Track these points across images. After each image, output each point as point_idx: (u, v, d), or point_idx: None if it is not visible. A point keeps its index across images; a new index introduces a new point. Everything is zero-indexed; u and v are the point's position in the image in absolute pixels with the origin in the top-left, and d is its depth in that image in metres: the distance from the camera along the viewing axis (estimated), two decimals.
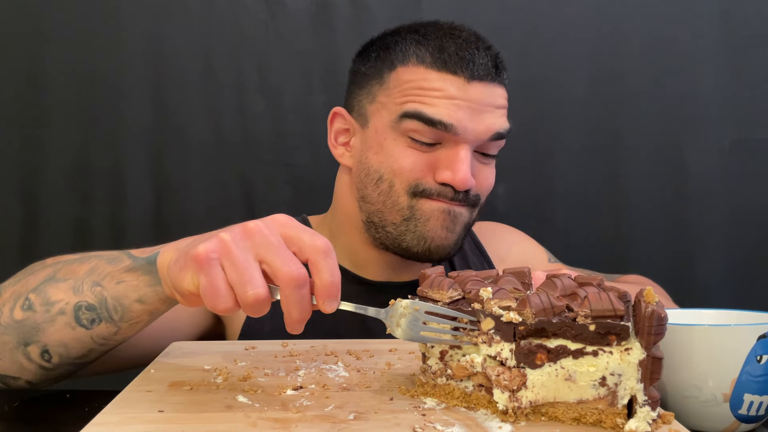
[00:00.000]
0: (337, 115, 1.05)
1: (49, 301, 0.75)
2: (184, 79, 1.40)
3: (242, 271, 0.59)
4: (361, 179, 0.99)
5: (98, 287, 0.74)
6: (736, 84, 1.39)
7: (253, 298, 0.59)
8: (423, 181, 0.95)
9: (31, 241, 1.40)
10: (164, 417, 0.60)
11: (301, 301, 0.60)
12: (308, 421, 0.59)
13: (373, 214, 0.99)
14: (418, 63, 0.96)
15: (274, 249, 0.60)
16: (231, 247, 0.60)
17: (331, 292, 0.61)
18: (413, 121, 0.94)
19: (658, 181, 1.40)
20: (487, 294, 0.61)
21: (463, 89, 0.94)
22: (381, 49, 1.01)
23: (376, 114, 0.99)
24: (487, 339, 0.61)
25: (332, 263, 0.61)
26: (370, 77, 1.00)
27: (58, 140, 1.40)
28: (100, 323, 0.74)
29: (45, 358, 0.76)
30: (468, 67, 0.94)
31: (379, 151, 0.97)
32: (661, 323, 0.56)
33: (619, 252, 1.41)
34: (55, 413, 0.81)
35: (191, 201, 1.41)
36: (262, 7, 1.41)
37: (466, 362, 0.63)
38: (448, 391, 0.65)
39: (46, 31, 1.39)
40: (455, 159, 0.94)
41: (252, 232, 0.61)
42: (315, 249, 0.61)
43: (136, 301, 0.73)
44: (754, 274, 1.39)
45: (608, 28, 1.41)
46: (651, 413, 0.56)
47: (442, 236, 0.97)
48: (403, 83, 0.96)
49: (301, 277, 0.60)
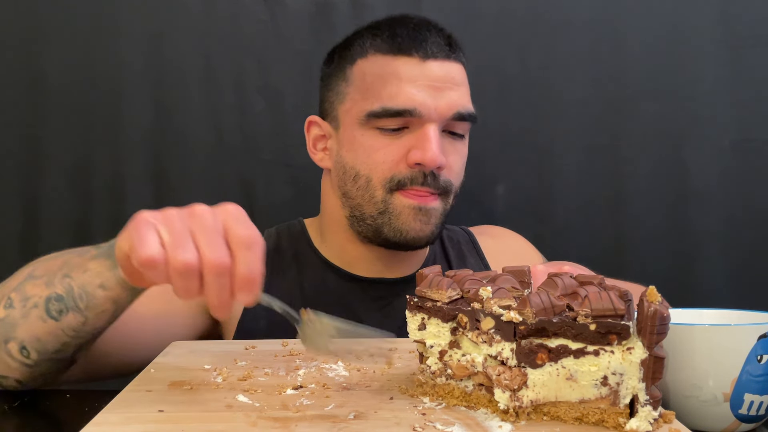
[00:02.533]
0: (312, 123, 1.10)
1: (26, 297, 0.77)
2: (184, 79, 1.40)
3: (176, 237, 0.61)
4: (341, 177, 1.04)
5: (67, 278, 0.76)
6: (736, 84, 1.39)
7: (182, 262, 0.60)
8: (397, 172, 0.98)
9: (31, 241, 1.39)
10: (164, 417, 0.60)
11: (219, 288, 0.61)
12: (308, 421, 0.59)
13: (354, 208, 1.03)
14: (375, 52, 1.01)
15: (209, 233, 0.62)
16: (172, 218, 0.63)
17: (243, 285, 0.62)
18: (380, 118, 0.98)
19: (658, 181, 1.40)
20: (487, 293, 0.61)
21: (419, 68, 0.98)
22: (342, 49, 1.06)
23: (345, 113, 1.03)
24: (487, 339, 0.61)
25: (252, 256, 0.62)
26: (336, 77, 1.05)
27: (58, 140, 1.39)
28: (68, 313, 0.76)
29: (24, 354, 0.78)
30: (421, 46, 0.99)
31: (351, 149, 1.01)
32: (664, 323, 0.55)
33: (619, 252, 1.40)
34: (55, 413, 0.82)
35: (191, 201, 1.39)
36: (262, 7, 1.40)
37: (466, 362, 0.63)
38: (447, 390, 0.65)
39: (46, 31, 1.39)
40: (424, 138, 0.97)
41: (195, 213, 0.64)
42: (238, 240, 0.62)
43: (99, 287, 0.75)
44: (754, 274, 1.39)
45: (608, 28, 1.40)
46: (652, 413, 0.56)
47: (417, 228, 1.00)
48: (364, 74, 1.01)
49: (221, 265, 0.61)
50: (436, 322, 0.64)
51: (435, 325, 0.64)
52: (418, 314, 0.65)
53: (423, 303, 0.65)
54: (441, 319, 0.64)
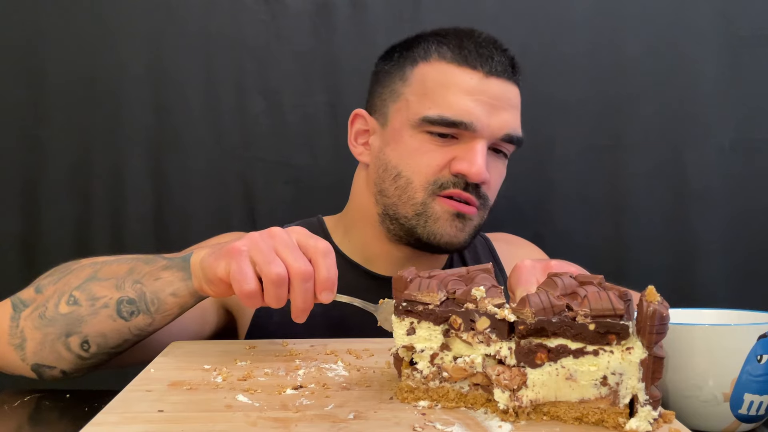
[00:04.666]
0: (357, 116, 1.10)
1: (94, 297, 0.83)
2: (184, 79, 1.40)
3: (267, 256, 0.73)
4: (379, 174, 1.04)
5: (138, 284, 0.84)
6: (736, 84, 1.39)
7: (276, 274, 0.72)
8: (440, 176, 1.00)
9: (31, 241, 1.39)
10: (164, 417, 0.60)
11: (305, 292, 0.73)
12: (308, 421, 0.59)
13: (388, 207, 1.03)
14: (440, 59, 1.02)
15: (290, 247, 0.74)
16: (258, 241, 0.74)
17: (326, 286, 0.73)
18: (434, 124, 0.99)
19: (658, 181, 1.40)
20: (480, 293, 0.61)
21: (481, 83, 0.99)
22: (404, 48, 1.07)
23: (397, 112, 1.03)
24: (484, 338, 0.61)
25: (330, 262, 0.74)
26: (393, 75, 1.05)
27: (58, 140, 1.39)
28: (138, 315, 0.83)
29: (84, 348, 0.84)
30: (487, 62, 1.00)
31: (396, 148, 1.02)
32: (663, 322, 0.55)
33: (619, 252, 1.40)
34: (55, 413, 0.82)
35: (191, 201, 1.40)
36: (262, 7, 1.40)
37: (465, 363, 0.62)
38: (441, 393, 0.64)
39: (46, 31, 1.39)
40: (472, 152, 0.98)
41: (274, 234, 0.75)
42: (316, 250, 0.74)
43: (170, 294, 0.83)
44: (754, 273, 1.39)
45: (608, 28, 1.40)
46: (652, 413, 0.56)
47: (451, 234, 1.01)
48: (425, 78, 1.02)
49: (307, 272, 0.73)
50: (427, 326, 0.63)
51: (426, 328, 0.63)
52: (406, 319, 0.64)
53: (413, 307, 0.63)
54: (433, 322, 0.63)
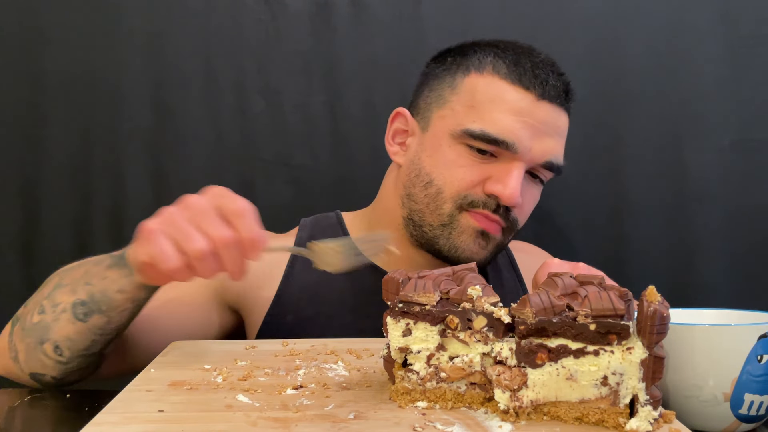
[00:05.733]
0: (399, 115, 1.07)
1: (55, 303, 0.84)
2: (184, 79, 1.40)
3: (184, 232, 0.70)
4: (411, 179, 1.02)
5: (89, 285, 0.83)
6: (736, 84, 1.39)
7: (197, 250, 0.69)
8: (471, 192, 0.98)
9: (31, 241, 1.39)
10: (164, 417, 0.60)
11: (233, 258, 0.71)
12: (308, 421, 0.59)
13: (414, 212, 1.01)
14: (494, 72, 0.99)
15: (207, 216, 0.70)
16: (172, 217, 0.71)
17: (250, 246, 0.71)
18: (475, 139, 0.96)
19: (658, 181, 1.40)
20: (477, 292, 0.61)
21: (531, 105, 0.97)
22: (458, 54, 1.04)
23: (440, 119, 1.01)
24: (481, 337, 0.61)
25: (248, 221, 0.70)
26: (443, 80, 1.03)
27: (58, 140, 1.39)
28: (93, 315, 0.83)
29: (57, 352, 0.84)
30: (541, 85, 0.97)
31: (433, 155, 1.00)
32: (663, 322, 0.55)
33: (619, 252, 1.40)
34: (55, 413, 0.82)
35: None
36: (262, 7, 1.40)
37: (463, 363, 0.62)
38: (439, 394, 0.64)
39: (46, 31, 1.39)
40: (508, 174, 0.96)
41: (189, 204, 0.72)
42: (232, 213, 0.71)
43: (117, 291, 0.82)
44: (754, 273, 1.39)
45: (608, 28, 1.40)
46: (653, 413, 0.56)
47: (473, 250, 0.99)
48: (475, 90, 0.99)
49: (227, 238, 0.70)
50: (423, 326, 0.63)
51: (422, 329, 0.63)
52: (402, 320, 0.64)
53: (409, 308, 0.63)
54: (429, 322, 0.63)
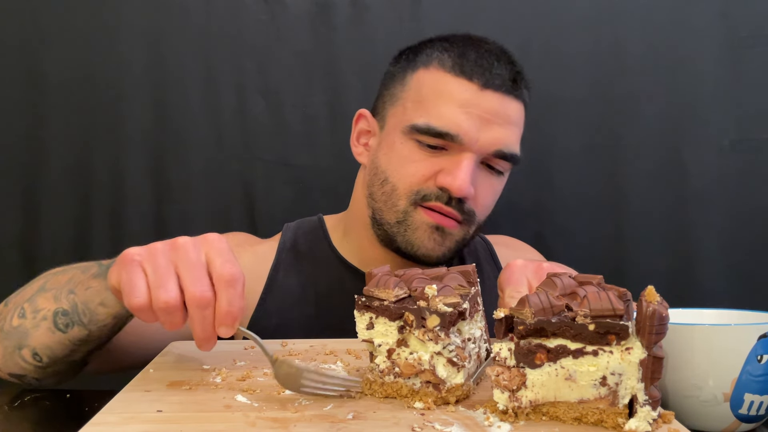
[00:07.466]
0: (361, 116, 1.09)
1: (36, 309, 0.82)
2: (184, 79, 1.40)
3: (159, 276, 0.65)
4: (371, 177, 1.03)
5: (72, 294, 0.80)
6: (736, 84, 1.39)
7: (164, 302, 0.64)
8: (424, 187, 0.98)
9: (31, 241, 1.40)
10: (163, 417, 0.60)
11: (202, 320, 0.65)
12: (307, 421, 0.59)
13: (375, 211, 1.02)
14: (439, 66, 0.99)
15: (192, 267, 0.65)
16: (156, 254, 0.66)
17: (225, 320, 0.65)
18: (422, 134, 0.97)
19: (658, 181, 1.40)
20: (432, 291, 0.62)
21: (475, 96, 0.96)
22: (411, 52, 1.05)
23: (393, 116, 1.02)
24: (433, 336, 0.62)
25: (233, 293, 0.65)
26: (396, 78, 1.04)
27: (58, 140, 1.39)
28: (74, 327, 0.80)
29: (36, 359, 0.82)
30: (484, 74, 0.97)
31: (387, 153, 1.01)
32: (663, 322, 0.55)
33: (619, 252, 1.40)
34: (55, 413, 0.82)
35: (191, 201, 1.40)
36: (262, 7, 1.40)
37: (413, 360, 0.64)
38: (395, 388, 0.66)
39: (46, 31, 1.39)
40: (457, 166, 0.96)
41: (178, 246, 0.67)
42: (220, 278, 0.66)
43: (99, 304, 0.78)
44: (754, 273, 1.38)
45: (608, 29, 1.40)
46: (652, 413, 0.56)
47: (429, 246, 0.99)
48: (422, 85, 1.00)
49: (204, 299, 0.65)
50: (383, 321, 0.65)
51: (383, 324, 0.65)
52: (366, 313, 0.66)
53: (371, 302, 0.65)
54: (388, 317, 0.64)
